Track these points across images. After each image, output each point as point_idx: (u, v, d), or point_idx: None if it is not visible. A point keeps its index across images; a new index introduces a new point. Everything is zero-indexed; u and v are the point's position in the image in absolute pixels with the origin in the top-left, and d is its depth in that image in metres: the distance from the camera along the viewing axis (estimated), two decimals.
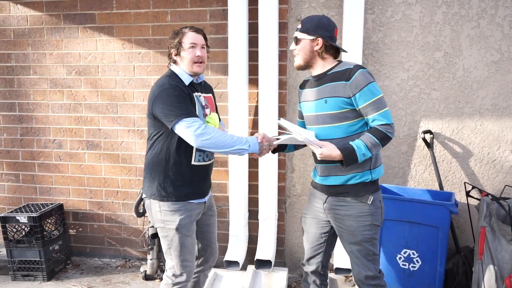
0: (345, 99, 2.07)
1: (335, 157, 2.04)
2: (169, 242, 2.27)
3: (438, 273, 2.86)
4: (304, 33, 2.15)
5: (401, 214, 2.90)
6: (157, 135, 2.24)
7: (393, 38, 3.18)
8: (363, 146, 2.03)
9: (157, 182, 2.24)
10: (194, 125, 2.09)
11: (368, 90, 2.04)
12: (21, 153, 3.88)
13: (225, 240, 3.56)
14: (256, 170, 3.40)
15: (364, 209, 2.16)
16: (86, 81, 3.67)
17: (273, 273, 3.35)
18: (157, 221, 2.29)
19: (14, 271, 3.49)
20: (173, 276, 2.29)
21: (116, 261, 3.86)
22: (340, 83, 2.08)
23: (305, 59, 2.18)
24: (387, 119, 2.06)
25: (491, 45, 3.08)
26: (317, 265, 2.39)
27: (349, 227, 2.19)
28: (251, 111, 3.41)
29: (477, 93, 3.14)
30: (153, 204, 2.28)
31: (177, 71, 2.26)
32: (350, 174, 2.15)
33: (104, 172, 3.77)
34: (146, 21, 3.48)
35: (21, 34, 3.69)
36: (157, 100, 2.15)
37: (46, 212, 3.54)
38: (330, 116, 2.12)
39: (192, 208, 2.29)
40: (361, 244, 2.19)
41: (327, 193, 2.24)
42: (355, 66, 2.09)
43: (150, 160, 2.27)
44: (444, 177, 3.27)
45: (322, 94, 2.15)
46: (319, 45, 2.13)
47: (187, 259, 2.30)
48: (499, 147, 3.18)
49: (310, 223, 2.36)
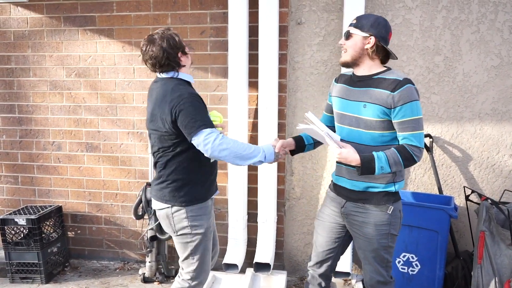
0: (385, 109, 2.01)
1: (352, 161, 1.99)
2: (194, 247, 2.25)
3: (437, 277, 2.86)
4: (357, 29, 2.06)
5: None
6: (176, 148, 2.18)
7: (393, 42, 3.19)
8: (384, 160, 1.97)
9: (187, 188, 2.21)
10: (213, 135, 2.08)
11: (410, 107, 1.97)
12: (20, 155, 3.87)
13: (224, 243, 3.56)
14: (255, 173, 3.40)
15: (383, 218, 2.12)
16: (86, 83, 3.67)
17: (272, 276, 3.35)
18: (183, 229, 2.25)
19: (12, 274, 3.48)
20: (190, 280, 2.29)
21: (115, 263, 3.85)
22: (384, 92, 2.01)
23: (353, 56, 2.09)
24: (419, 142, 2.01)
25: (491, 50, 3.08)
26: (327, 268, 2.36)
27: (366, 234, 2.15)
28: (250, 114, 3.41)
29: (476, 98, 3.15)
30: (176, 212, 2.23)
31: (184, 77, 2.24)
32: (373, 182, 2.10)
33: (103, 174, 3.76)
34: (147, 23, 3.48)
35: (21, 36, 3.69)
36: (181, 111, 2.07)
37: (44, 214, 3.53)
38: (365, 122, 2.06)
39: (208, 205, 2.32)
40: (377, 251, 2.16)
41: (346, 197, 2.20)
42: (405, 79, 2.01)
43: (174, 170, 2.21)
44: (444, 181, 3.27)
45: (362, 97, 2.07)
46: (370, 44, 2.04)
47: (208, 262, 2.33)
48: (499, 151, 3.18)
49: (325, 227, 2.31)
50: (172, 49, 2.16)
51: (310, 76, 3.34)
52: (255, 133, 3.39)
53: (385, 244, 2.15)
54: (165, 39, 2.14)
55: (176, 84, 2.17)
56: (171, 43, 2.15)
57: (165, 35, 2.16)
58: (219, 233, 3.58)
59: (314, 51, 3.30)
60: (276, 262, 3.54)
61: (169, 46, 2.14)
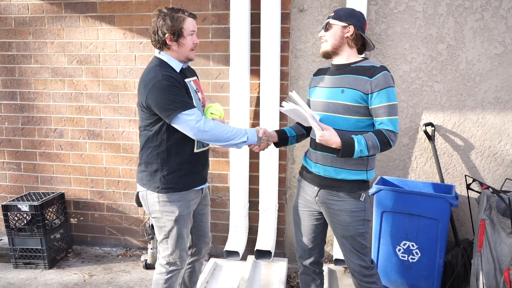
0: (363, 94, 2.07)
1: (333, 144, 2.03)
2: (166, 233, 2.27)
3: (437, 265, 2.88)
4: (336, 20, 2.14)
5: (401, 206, 2.90)
6: (154, 127, 2.18)
7: (396, 30, 3.16)
8: (364, 143, 2.02)
9: (160, 175, 2.21)
10: (192, 118, 2.07)
11: (386, 93, 2.05)
12: (23, 142, 3.88)
13: (226, 230, 3.58)
14: (257, 161, 3.41)
15: (358, 205, 2.18)
16: (87, 71, 3.66)
17: (273, 264, 3.37)
18: (155, 212, 2.27)
19: (16, 259, 3.52)
20: (167, 265, 2.31)
21: (117, 250, 3.88)
22: (362, 78, 2.08)
23: (333, 45, 2.16)
24: (394, 127, 2.07)
25: (495, 37, 3.05)
26: (316, 256, 2.41)
27: (342, 221, 2.20)
28: (252, 102, 3.41)
29: (479, 86, 3.13)
30: (150, 195, 2.25)
31: (165, 58, 2.20)
32: (347, 170, 2.15)
33: (105, 161, 3.78)
34: (148, 10, 3.46)
35: (22, 23, 3.68)
36: (151, 93, 2.08)
37: (47, 201, 3.56)
38: (343, 107, 2.11)
39: (190, 198, 2.29)
40: (354, 238, 2.21)
41: (318, 185, 2.24)
42: (381, 66, 2.09)
43: (149, 153, 2.22)
44: (445, 170, 3.27)
45: (340, 83, 2.13)
46: (350, 32, 2.13)
47: (184, 249, 2.32)
48: (501, 140, 3.17)
49: (304, 215, 2.36)
50: (162, 27, 2.14)
51: (312, 64, 3.32)
52: (257, 121, 3.39)
53: (362, 230, 2.21)
54: (163, 16, 2.14)
55: (155, 65, 2.16)
56: (165, 22, 2.13)
57: (167, 14, 2.14)
58: (220, 220, 3.60)
59: (317, 39, 3.27)
60: (277, 250, 3.57)
61: (161, 24, 2.13)
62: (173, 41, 2.16)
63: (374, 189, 2.94)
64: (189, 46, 2.20)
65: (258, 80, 3.34)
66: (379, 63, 2.17)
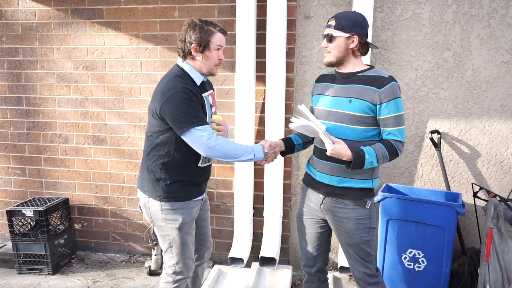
0: (371, 105, 2.06)
1: (344, 156, 2.02)
2: (171, 241, 2.25)
3: (443, 274, 2.85)
4: (339, 30, 2.08)
5: (407, 214, 2.89)
6: (162, 136, 2.17)
7: (402, 37, 3.16)
8: (374, 155, 2.03)
9: (162, 184, 2.20)
10: (204, 134, 2.08)
11: (395, 104, 2.05)
12: (28, 147, 3.89)
13: (230, 237, 3.57)
14: (261, 168, 3.40)
15: (364, 213, 2.17)
16: (93, 76, 3.67)
17: (277, 271, 3.35)
18: (157, 220, 2.25)
19: (20, 265, 3.51)
20: (174, 274, 2.29)
21: (121, 256, 3.87)
22: (371, 88, 2.06)
23: (338, 57, 2.12)
24: (402, 137, 2.08)
25: (501, 45, 3.05)
26: (320, 264, 2.39)
27: (348, 229, 2.19)
28: (258, 108, 3.40)
29: (486, 94, 3.12)
30: (152, 203, 2.23)
31: (187, 68, 2.18)
32: (353, 179, 2.14)
33: (110, 167, 3.77)
34: (154, 16, 3.48)
35: (29, 29, 3.70)
36: (167, 103, 2.06)
37: (52, 206, 3.55)
38: (350, 117, 2.09)
39: (192, 206, 2.28)
40: (359, 246, 2.20)
41: (324, 193, 2.22)
42: (390, 77, 2.08)
43: (154, 161, 2.20)
44: (451, 178, 3.25)
45: (348, 93, 2.11)
46: (354, 43, 2.09)
47: (189, 257, 2.31)
48: (507, 148, 3.15)
49: (309, 223, 2.34)
50: (190, 37, 2.13)
51: (318, 71, 3.32)
52: (262, 128, 3.38)
53: (367, 238, 2.20)
54: (193, 26, 2.13)
55: (176, 76, 2.14)
56: (194, 32, 2.12)
57: (198, 24, 2.14)
58: (225, 227, 3.59)
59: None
60: (282, 257, 3.55)
61: (190, 34, 2.13)
62: (198, 52, 2.14)
63: (380, 197, 2.92)
64: (214, 61, 2.19)
65: (264, 87, 3.34)
66: (386, 72, 2.17)
